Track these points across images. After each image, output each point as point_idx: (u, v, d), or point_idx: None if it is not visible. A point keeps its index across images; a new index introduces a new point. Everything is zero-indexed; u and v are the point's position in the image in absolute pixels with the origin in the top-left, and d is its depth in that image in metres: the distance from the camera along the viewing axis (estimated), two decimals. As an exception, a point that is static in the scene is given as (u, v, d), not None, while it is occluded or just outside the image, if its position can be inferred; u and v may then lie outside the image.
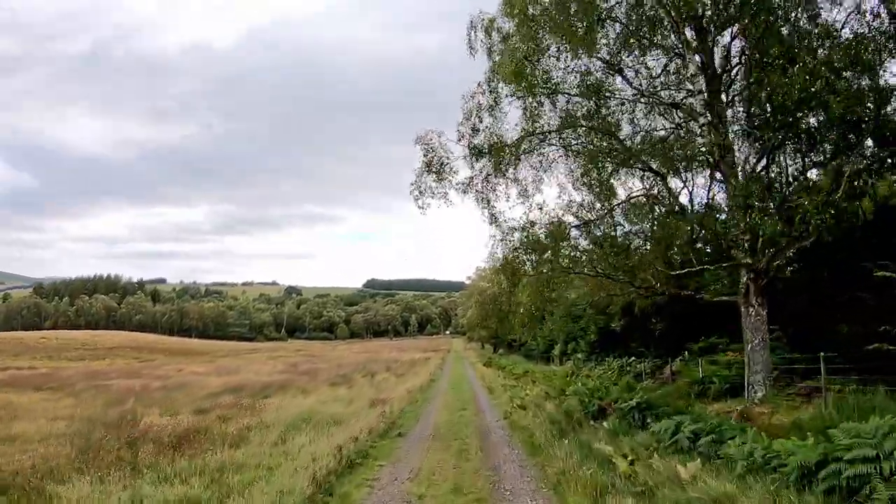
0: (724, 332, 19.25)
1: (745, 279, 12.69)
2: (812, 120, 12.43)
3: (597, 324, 27.90)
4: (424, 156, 12.93)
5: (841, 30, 11.97)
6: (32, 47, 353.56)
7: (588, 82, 12.55)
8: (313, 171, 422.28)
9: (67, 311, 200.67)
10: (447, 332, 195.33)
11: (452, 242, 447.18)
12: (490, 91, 12.91)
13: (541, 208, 14.11)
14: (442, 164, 13.04)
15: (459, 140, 13.05)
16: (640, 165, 12.44)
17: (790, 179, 12.73)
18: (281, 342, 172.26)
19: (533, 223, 13.83)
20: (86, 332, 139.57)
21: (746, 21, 12.23)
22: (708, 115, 11.93)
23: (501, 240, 13.89)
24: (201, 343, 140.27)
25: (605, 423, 11.21)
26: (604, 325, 26.81)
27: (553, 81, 12.78)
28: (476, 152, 13.04)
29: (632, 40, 13.59)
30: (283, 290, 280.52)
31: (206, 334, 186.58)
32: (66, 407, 22.20)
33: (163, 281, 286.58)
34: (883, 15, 11.01)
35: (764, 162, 12.54)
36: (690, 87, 14.23)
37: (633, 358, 23.06)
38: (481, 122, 13.00)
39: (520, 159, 14.19)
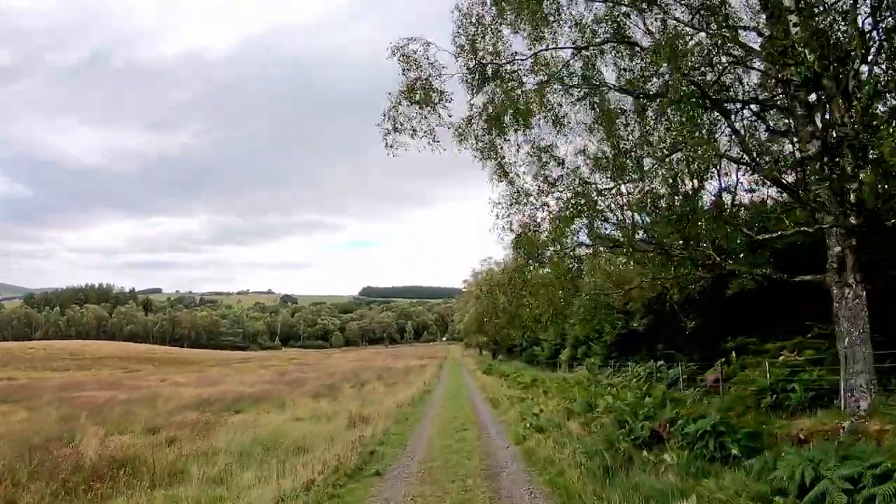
0: (754, 330, 16.23)
1: (838, 249, 9.30)
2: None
3: (613, 324, 24.48)
4: (403, 73, 9.42)
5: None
6: (28, 57, 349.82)
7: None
8: (311, 179, 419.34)
9: (58, 322, 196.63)
10: (444, 339, 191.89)
11: (449, 249, 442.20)
12: (493, 3, 9.46)
13: (562, 164, 10.64)
14: (429, 86, 9.51)
15: (457, 56, 9.58)
16: (695, 98, 8.95)
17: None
18: (274, 351, 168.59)
19: (554, 182, 10.38)
20: (75, 342, 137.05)
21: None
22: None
23: (514, 203, 10.42)
24: (192, 352, 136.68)
25: (665, 456, 7.77)
26: (622, 325, 23.37)
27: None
28: (479, 72, 9.58)
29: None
30: (279, 299, 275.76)
31: (198, 344, 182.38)
32: (14, 423, 19.46)
33: (158, 291, 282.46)
34: None
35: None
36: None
37: (661, 362, 19.64)
38: (484, 38, 9.52)
39: (531, 110, 10.82)
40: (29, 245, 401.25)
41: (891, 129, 7.30)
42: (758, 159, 9.94)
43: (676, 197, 9.96)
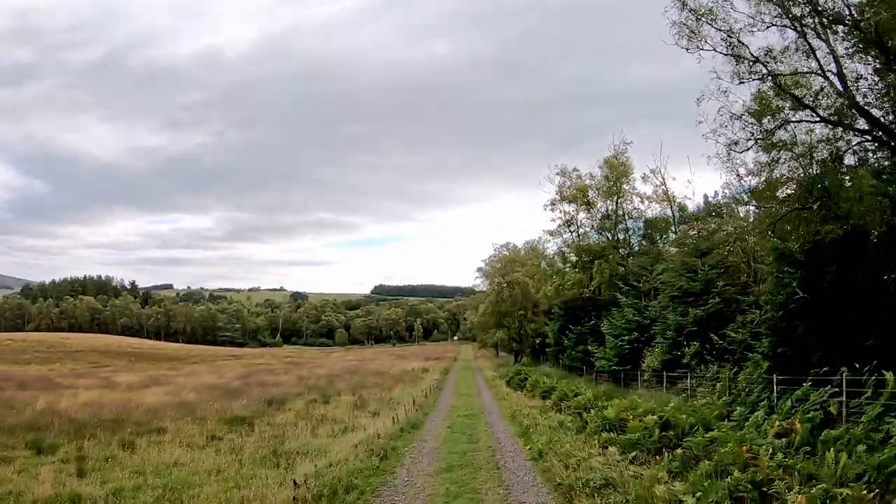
0: None
1: None
2: None
3: (788, 289, 11.73)
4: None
5: None
6: (46, 55, 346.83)
7: None
8: (325, 179, 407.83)
9: (51, 314, 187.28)
10: (455, 338, 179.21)
11: (463, 249, 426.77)
12: None
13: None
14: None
15: None
16: None
17: None
18: (274, 348, 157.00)
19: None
20: (55, 334, 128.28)
21: None
22: None
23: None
24: (178, 347, 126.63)
25: None
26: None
27: None
28: None
29: None
30: (289, 297, 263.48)
31: (194, 339, 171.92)
32: None
33: (170, 286, 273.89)
34: None
35: None
36: None
37: None
38: None
39: None
40: (46, 241, 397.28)
41: None
42: None
43: None
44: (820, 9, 11.94)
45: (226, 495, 7.68)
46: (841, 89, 12.06)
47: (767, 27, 12.73)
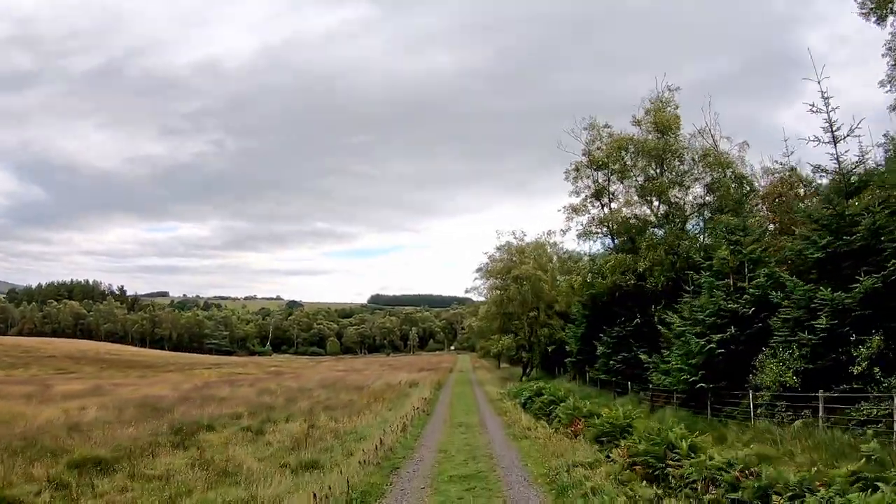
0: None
1: None
2: None
3: None
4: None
5: None
6: (45, 63, 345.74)
7: None
8: (323, 188, 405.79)
9: (34, 318, 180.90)
10: (452, 348, 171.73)
11: (462, 259, 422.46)
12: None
13: None
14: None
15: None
16: None
17: None
18: (262, 357, 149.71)
19: None
20: (40, 339, 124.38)
21: None
22: None
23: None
24: (159, 355, 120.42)
25: None
26: None
27: None
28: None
29: None
30: (285, 305, 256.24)
31: (180, 346, 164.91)
32: None
33: (165, 294, 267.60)
34: None
35: None
36: None
37: None
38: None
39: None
40: (42, 246, 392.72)
41: None
42: None
43: None
44: None
45: None
46: None
47: None
